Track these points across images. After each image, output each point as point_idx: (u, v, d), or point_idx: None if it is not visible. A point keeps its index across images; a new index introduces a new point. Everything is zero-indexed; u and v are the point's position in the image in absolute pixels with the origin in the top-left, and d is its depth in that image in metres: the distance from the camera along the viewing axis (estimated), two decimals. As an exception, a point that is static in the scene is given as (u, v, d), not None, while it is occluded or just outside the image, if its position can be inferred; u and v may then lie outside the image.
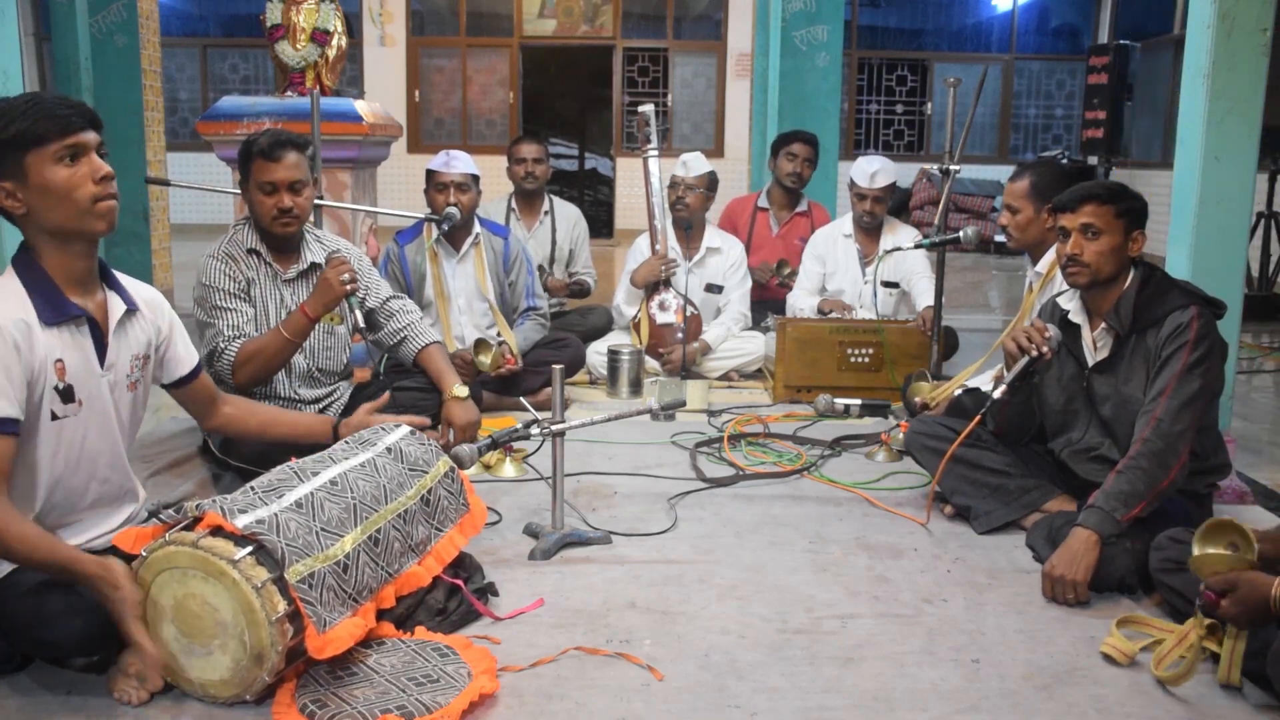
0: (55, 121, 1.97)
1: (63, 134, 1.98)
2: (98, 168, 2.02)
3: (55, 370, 2.02)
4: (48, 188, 1.98)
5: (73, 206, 2.00)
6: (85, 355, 2.08)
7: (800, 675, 2.15)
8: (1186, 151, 3.49)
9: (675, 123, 12.25)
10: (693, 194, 4.78)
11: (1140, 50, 10.33)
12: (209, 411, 2.55)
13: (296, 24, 5.01)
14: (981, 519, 2.94)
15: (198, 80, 12.54)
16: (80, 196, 1.99)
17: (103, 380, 2.11)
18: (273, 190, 3.12)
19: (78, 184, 1.99)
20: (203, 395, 2.50)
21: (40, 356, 1.99)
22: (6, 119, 1.96)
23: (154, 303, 2.30)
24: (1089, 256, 2.65)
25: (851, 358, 4.42)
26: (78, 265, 2.07)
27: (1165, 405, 2.55)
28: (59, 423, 2.05)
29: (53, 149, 1.98)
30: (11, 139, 1.96)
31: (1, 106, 1.98)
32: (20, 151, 1.97)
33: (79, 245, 2.06)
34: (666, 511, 3.10)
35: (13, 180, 1.98)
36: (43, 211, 2.00)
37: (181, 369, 2.39)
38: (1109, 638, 2.24)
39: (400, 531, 2.23)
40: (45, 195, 1.98)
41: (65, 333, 2.05)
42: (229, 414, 2.58)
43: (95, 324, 2.10)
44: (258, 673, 1.91)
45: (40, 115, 1.97)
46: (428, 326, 3.49)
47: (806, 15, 6.39)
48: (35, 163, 1.97)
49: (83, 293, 2.09)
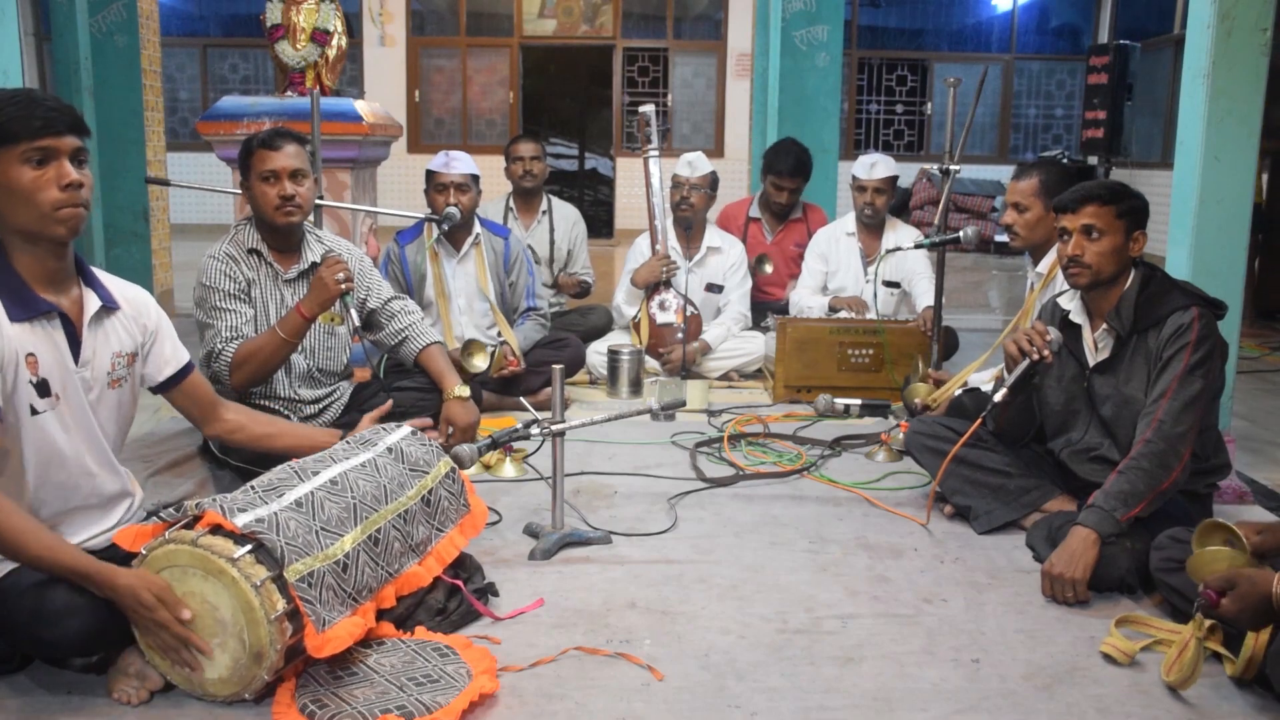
0: (29, 121, 1.94)
1: (35, 135, 1.94)
2: (65, 173, 1.98)
3: (27, 364, 2.00)
4: (11, 187, 1.96)
5: (34, 210, 1.97)
6: (58, 350, 2.06)
7: (800, 675, 2.15)
8: (1186, 151, 3.49)
9: (675, 123, 12.25)
10: (697, 194, 4.79)
11: (1140, 50, 10.33)
12: (209, 417, 2.49)
13: (296, 24, 5.00)
14: (981, 519, 2.94)
15: (198, 80, 12.55)
16: (42, 200, 1.96)
17: (77, 376, 2.10)
18: (274, 179, 3.12)
19: (41, 188, 1.96)
20: (198, 399, 2.45)
21: (11, 350, 1.97)
22: None
23: (138, 301, 2.28)
24: (1090, 257, 2.65)
25: (851, 358, 4.42)
26: (48, 264, 2.06)
27: (1167, 407, 2.55)
28: (39, 418, 2.03)
29: (21, 149, 1.95)
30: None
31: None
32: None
33: (45, 246, 2.04)
34: (666, 511, 3.10)
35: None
36: (7, 210, 1.98)
37: (168, 369, 2.34)
38: (1109, 638, 2.24)
39: (400, 531, 2.23)
40: (9, 195, 1.96)
41: (37, 328, 2.03)
42: (232, 421, 2.51)
43: (69, 320, 2.09)
44: (257, 671, 1.91)
45: (17, 113, 1.94)
46: (428, 327, 3.49)
47: (806, 15, 6.39)
48: (3, 160, 1.95)
49: (55, 290, 2.08)
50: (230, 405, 2.56)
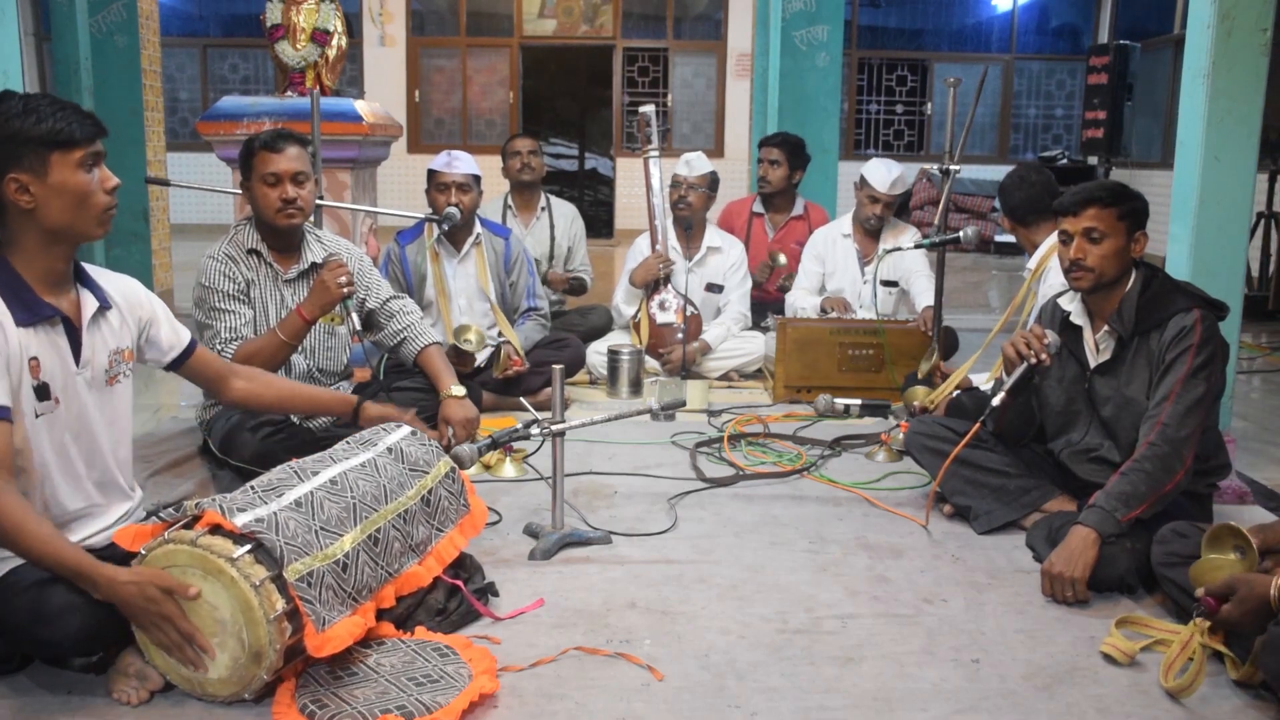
0: (85, 127, 2.02)
1: (90, 140, 2.03)
2: (107, 177, 2.07)
3: (30, 368, 2.02)
4: (67, 189, 2.00)
5: (85, 212, 2.04)
6: (60, 354, 2.08)
7: (800, 675, 2.15)
8: (1186, 151, 3.48)
9: (675, 123, 12.24)
10: (695, 193, 4.78)
11: (1140, 50, 10.33)
12: (222, 386, 2.53)
13: (296, 24, 5.00)
14: (981, 519, 2.94)
15: (198, 80, 12.54)
16: (94, 203, 2.05)
17: (78, 378, 2.11)
18: (276, 181, 3.12)
19: (94, 191, 2.04)
20: (209, 371, 2.49)
21: (15, 352, 1.99)
22: (36, 115, 1.97)
23: (130, 293, 2.29)
24: (1093, 260, 2.64)
25: (852, 358, 4.42)
26: (57, 266, 2.08)
27: (1170, 410, 2.55)
28: (38, 421, 2.04)
29: (79, 154, 2.01)
30: (41, 136, 1.97)
31: (26, 103, 1.99)
32: (46, 149, 1.98)
33: (66, 247, 2.08)
34: (666, 511, 3.10)
35: (30, 174, 1.99)
36: (51, 211, 2.01)
37: (174, 351, 2.37)
38: (1109, 638, 2.24)
39: (400, 531, 2.23)
40: (61, 196, 2.00)
41: (40, 333, 2.04)
42: (244, 388, 2.56)
43: (69, 322, 2.10)
44: (256, 671, 1.91)
45: (72, 119, 2.00)
46: (428, 327, 3.49)
47: (806, 15, 6.39)
48: (60, 163, 1.99)
49: (56, 292, 2.09)
50: (242, 371, 2.60)
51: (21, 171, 1.98)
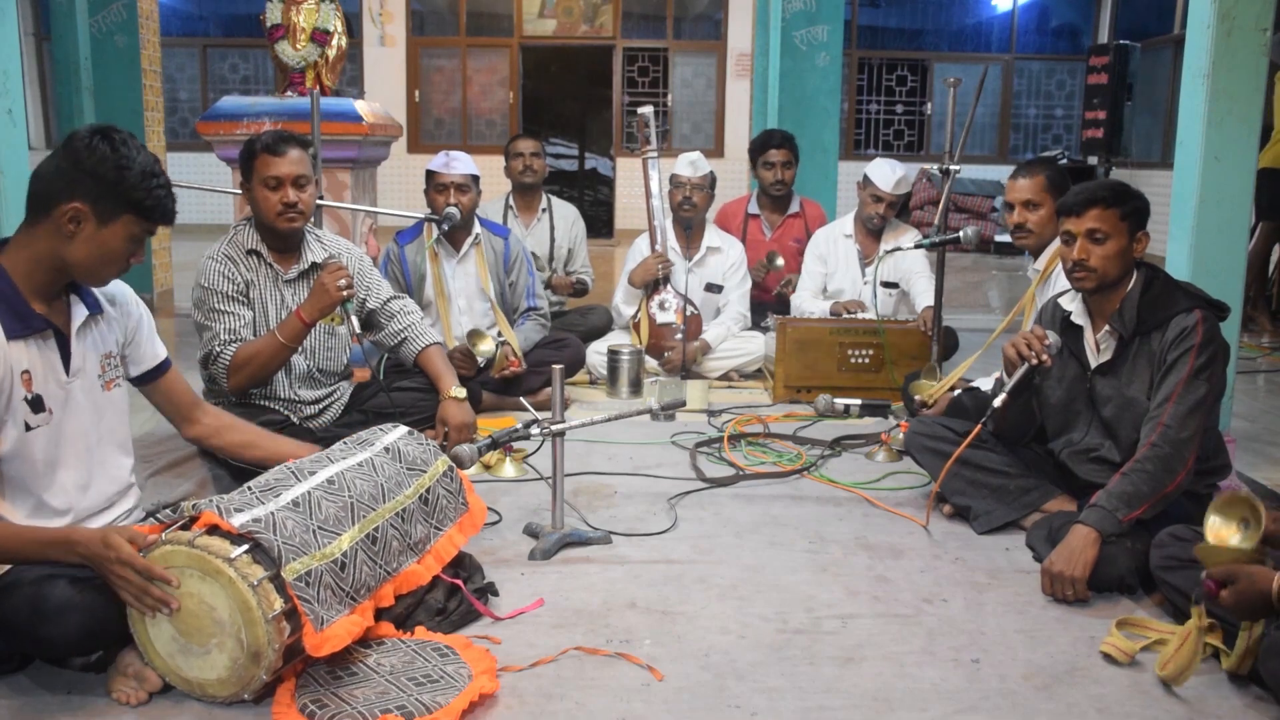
0: (170, 215, 2.10)
1: (163, 226, 2.12)
2: (139, 254, 2.12)
3: (22, 381, 2.02)
4: (108, 246, 2.04)
5: (104, 268, 2.08)
6: (51, 365, 2.08)
7: (800, 675, 2.15)
8: (1186, 151, 3.48)
9: (675, 123, 12.24)
10: (699, 194, 4.79)
11: (1140, 50, 10.33)
12: (186, 417, 2.47)
13: (296, 24, 5.00)
14: (981, 519, 2.94)
15: (198, 80, 12.54)
16: (115, 268, 2.09)
17: (70, 385, 2.11)
18: (277, 185, 3.11)
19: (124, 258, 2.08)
20: (176, 398, 2.44)
21: (7, 367, 1.99)
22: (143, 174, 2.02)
23: (120, 298, 2.29)
24: (1096, 261, 2.64)
25: (851, 358, 4.42)
26: (55, 284, 2.08)
27: (1172, 411, 2.55)
28: (32, 434, 2.05)
29: (142, 229, 2.07)
30: (133, 196, 2.01)
31: (142, 158, 2.03)
32: (127, 209, 2.02)
33: (67, 276, 2.09)
34: (666, 511, 3.10)
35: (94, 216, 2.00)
36: (81, 251, 2.02)
37: (145, 364, 2.35)
38: (1109, 638, 2.24)
39: (398, 530, 2.23)
40: (100, 248, 2.03)
41: (31, 345, 2.05)
42: (210, 425, 2.50)
43: (59, 331, 2.11)
44: (255, 671, 1.91)
45: (169, 200, 2.08)
46: (428, 327, 3.49)
47: (806, 15, 6.39)
48: (124, 226, 2.04)
49: (47, 301, 2.09)
50: (210, 410, 2.54)
51: (89, 207, 1.99)
